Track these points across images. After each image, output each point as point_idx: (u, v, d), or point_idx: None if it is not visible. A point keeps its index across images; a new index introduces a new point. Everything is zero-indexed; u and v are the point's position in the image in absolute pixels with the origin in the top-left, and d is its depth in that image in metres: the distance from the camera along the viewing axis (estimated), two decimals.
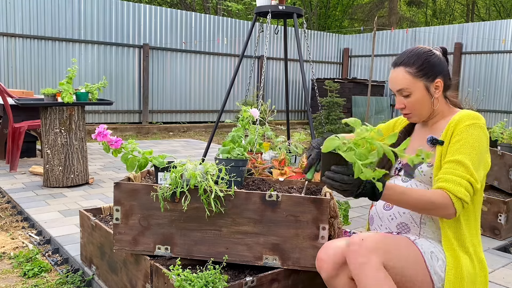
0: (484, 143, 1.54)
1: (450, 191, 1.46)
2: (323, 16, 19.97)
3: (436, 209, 1.47)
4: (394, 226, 1.64)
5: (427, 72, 1.61)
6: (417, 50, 1.65)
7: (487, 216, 3.22)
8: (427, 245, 1.54)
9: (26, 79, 7.96)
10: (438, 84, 1.62)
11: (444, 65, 1.65)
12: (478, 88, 9.96)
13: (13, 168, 4.75)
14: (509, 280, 2.51)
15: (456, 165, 1.50)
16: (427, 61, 1.62)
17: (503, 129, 3.67)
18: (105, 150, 2.00)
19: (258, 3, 4.52)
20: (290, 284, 1.81)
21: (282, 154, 2.82)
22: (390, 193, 1.43)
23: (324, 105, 7.85)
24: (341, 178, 1.33)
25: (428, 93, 1.62)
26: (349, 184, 1.32)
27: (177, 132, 9.43)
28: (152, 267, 1.82)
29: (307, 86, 5.66)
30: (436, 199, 1.45)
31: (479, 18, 23.89)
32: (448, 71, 1.67)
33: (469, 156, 1.50)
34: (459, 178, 1.47)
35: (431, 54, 1.64)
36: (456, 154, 1.51)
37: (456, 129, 1.55)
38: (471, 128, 1.54)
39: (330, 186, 1.36)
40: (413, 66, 1.62)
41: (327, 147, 1.32)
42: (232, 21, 10.55)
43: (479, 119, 1.57)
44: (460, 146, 1.52)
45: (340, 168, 1.33)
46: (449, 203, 1.45)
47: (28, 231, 3.13)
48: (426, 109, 1.65)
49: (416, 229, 1.60)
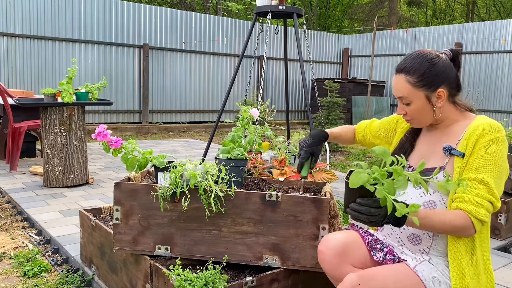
0: (505, 155, 1.49)
1: (471, 214, 1.42)
2: (323, 16, 19.98)
3: (457, 232, 1.44)
4: (406, 237, 1.59)
5: (429, 82, 1.53)
6: (421, 56, 1.56)
7: None
8: (428, 270, 1.50)
9: (26, 79, 7.96)
10: (440, 94, 1.54)
11: (449, 72, 1.55)
12: (478, 88, 9.96)
13: (13, 168, 4.75)
14: (509, 280, 2.51)
15: (478, 184, 1.44)
16: (429, 71, 1.53)
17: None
18: (105, 150, 2.00)
19: (258, 3, 4.52)
20: (290, 284, 1.81)
21: (282, 154, 2.82)
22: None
23: (324, 105, 7.84)
24: (367, 210, 1.29)
25: (429, 103, 1.55)
26: (376, 216, 1.29)
27: (177, 132, 9.43)
28: (152, 267, 1.82)
29: (307, 86, 5.66)
30: (458, 222, 1.42)
31: (479, 18, 23.89)
32: (455, 77, 1.58)
33: (492, 173, 1.44)
34: (480, 199, 1.42)
35: (435, 62, 1.54)
36: (479, 171, 1.45)
37: (479, 143, 1.47)
38: (495, 143, 1.47)
39: (356, 218, 1.32)
40: (413, 75, 1.54)
41: (354, 182, 1.26)
42: (232, 21, 10.55)
43: (501, 131, 1.50)
44: (483, 163, 1.45)
45: (366, 200, 1.30)
46: (470, 225, 1.42)
47: (28, 231, 3.13)
48: (427, 118, 1.59)
49: (428, 241, 1.55)
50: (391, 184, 1.25)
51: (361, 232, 1.67)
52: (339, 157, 6.72)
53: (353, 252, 1.58)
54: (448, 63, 1.57)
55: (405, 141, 1.72)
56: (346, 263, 1.54)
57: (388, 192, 1.24)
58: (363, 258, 1.60)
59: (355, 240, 1.62)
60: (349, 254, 1.56)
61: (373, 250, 1.62)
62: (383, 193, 1.24)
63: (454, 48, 1.65)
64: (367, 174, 1.27)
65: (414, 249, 1.58)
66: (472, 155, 1.48)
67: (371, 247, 1.62)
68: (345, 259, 1.54)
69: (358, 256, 1.59)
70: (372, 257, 1.61)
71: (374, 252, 1.61)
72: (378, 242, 1.64)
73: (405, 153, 1.68)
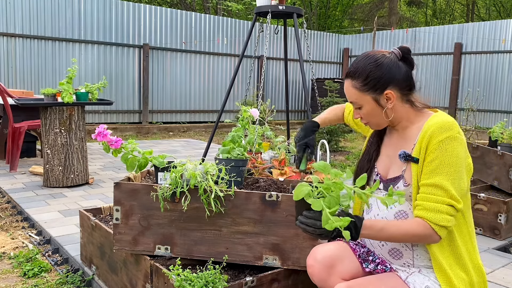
0: (462, 153, 1.42)
1: (430, 221, 1.39)
2: (323, 16, 19.97)
3: (420, 240, 1.43)
4: (386, 253, 1.56)
5: (374, 84, 1.49)
6: (365, 59, 1.52)
7: (487, 216, 3.22)
8: (420, 281, 1.46)
9: (26, 79, 7.96)
10: (389, 96, 1.49)
11: (395, 72, 1.49)
12: (478, 88, 9.95)
13: (13, 168, 4.75)
14: (509, 280, 2.51)
15: (434, 189, 1.40)
16: (373, 73, 1.48)
17: (503, 129, 3.67)
18: (105, 150, 2.00)
19: (258, 3, 4.52)
20: (290, 284, 1.81)
21: (282, 154, 2.82)
22: (369, 232, 1.39)
23: (324, 105, 7.83)
24: (313, 223, 1.30)
25: (378, 105, 1.51)
26: (323, 229, 1.29)
27: (177, 132, 9.43)
28: (152, 267, 1.82)
29: (307, 86, 5.67)
30: (417, 230, 1.40)
31: (479, 18, 23.89)
32: (404, 76, 1.51)
33: (447, 175, 1.40)
34: (439, 204, 1.39)
35: (379, 63, 1.49)
36: (433, 176, 1.41)
37: (430, 145, 1.43)
38: (445, 144, 1.41)
39: (304, 230, 1.34)
40: (358, 80, 1.50)
41: (296, 195, 1.30)
42: (232, 21, 10.55)
43: (452, 129, 1.42)
44: (436, 166, 1.41)
45: (312, 213, 1.30)
46: (431, 232, 1.39)
47: (28, 231, 3.13)
48: (381, 120, 1.55)
49: (409, 253, 1.51)
50: (333, 198, 1.27)
51: (352, 245, 1.64)
52: (339, 157, 6.72)
53: (342, 265, 1.56)
54: (395, 62, 1.51)
55: (370, 146, 1.69)
56: (335, 276, 1.53)
57: (329, 205, 1.26)
58: (354, 270, 1.57)
59: (345, 252, 1.60)
60: (338, 267, 1.55)
61: (365, 262, 1.60)
62: (321, 206, 1.25)
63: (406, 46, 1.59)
64: (309, 187, 1.30)
65: (398, 263, 1.55)
66: (425, 159, 1.44)
67: (363, 259, 1.60)
68: (334, 271, 1.53)
69: (348, 268, 1.57)
70: (364, 269, 1.59)
71: (366, 264, 1.59)
72: (370, 254, 1.62)
73: (370, 160, 1.65)
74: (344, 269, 1.56)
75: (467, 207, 1.53)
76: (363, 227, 1.37)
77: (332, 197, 1.27)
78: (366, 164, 1.66)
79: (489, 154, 3.55)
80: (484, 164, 3.59)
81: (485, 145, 3.69)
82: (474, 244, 1.54)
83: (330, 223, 1.23)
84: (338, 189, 1.27)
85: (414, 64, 1.56)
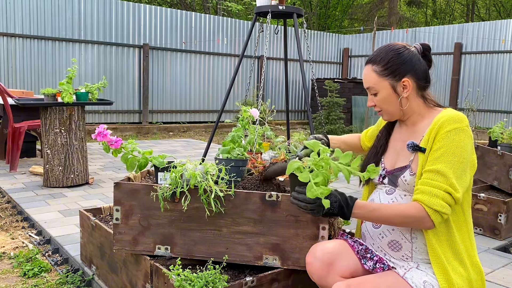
0: (468, 146, 1.45)
1: (424, 204, 1.40)
2: (323, 16, 19.97)
3: (413, 223, 1.44)
4: (386, 245, 1.58)
5: (394, 70, 1.54)
6: (387, 47, 1.58)
7: (487, 216, 3.22)
8: (418, 276, 1.47)
9: (26, 79, 7.96)
10: (405, 84, 1.55)
11: (415, 63, 1.56)
12: (478, 88, 9.95)
13: (13, 168, 4.75)
14: (509, 280, 2.51)
15: (434, 175, 1.42)
16: (394, 59, 1.54)
17: (503, 129, 3.67)
18: (105, 150, 2.00)
19: (258, 3, 4.52)
20: (290, 284, 1.81)
21: (282, 154, 2.82)
22: (361, 211, 1.42)
23: (324, 105, 7.84)
24: (303, 198, 1.36)
25: (394, 92, 1.56)
26: (313, 204, 1.34)
27: (177, 132, 9.43)
28: (152, 267, 1.82)
29: (307, 86, 5.66)
30: (411, 212, 1.41)
31: (479, 18, 23.89)
32: (423, 70, 1.57)
33: (450, 164, 1.42)
34: (435, 189, 1.40)
35: (401, 52, 1.56)
36: (436, 163, 1.43)
37: (438, 135, 1.46)
38: (453, 134, 1.44)
39: (297, 206, 1.39)
40: (379, 64, 1.56)
41: (288, 169, 1.38)
42: (232, 21, 10.55)
43: (461, 122, 1.46)
44: (441, 154, 1.43)
45: (302, 188, 1.35)
46: (425, 215, 1.40)
47: (28, 231, 3.13)
48: (395, 109, 1.59)
49: (408, 245, 1.53)
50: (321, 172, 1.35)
51: (350, 242, 1.65)
52: None
53: (342, 262, 1.56)
54: (416, 55, 1.57)
55: (378, 141, 1.73)
56: (334, 273, 1.53)
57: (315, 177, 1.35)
58: (353, 268, 1.58)
59: (344, 250, 1.60)
60: (337, 264, 1.55)
61: (363, 259, 1.60)
62: (308, 177, 1.34)
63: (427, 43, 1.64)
64: (300, 163, 1.39)
65: (397, 256, 1.56)
66: (432, 148, 1.47)
67: (361, 256, 1.60)
68: (333, 268, 1.54)
69: (347, 266, 1.57)
70: (363, 266, 1.59)
71: (365, 261, 1.59)
72: (368, 251, 1.62)
73: (377, 154, 1.68)
74: (343, 266, 1.56)
75: (468, 205, 1.54)
76: (355, 206, 1.41)
77: (319, 171, 1.36)
78: (372, 158, 1.69)
79: (489, 154, 3.55)
80: (484, 164, 3.59)
81: (485, 145, 3.70)
82: (472, 243, 1.55)
83: (312, 191, 1.32)
84: (326, 164, 1.37)
85: (433, 62, 1.62)
